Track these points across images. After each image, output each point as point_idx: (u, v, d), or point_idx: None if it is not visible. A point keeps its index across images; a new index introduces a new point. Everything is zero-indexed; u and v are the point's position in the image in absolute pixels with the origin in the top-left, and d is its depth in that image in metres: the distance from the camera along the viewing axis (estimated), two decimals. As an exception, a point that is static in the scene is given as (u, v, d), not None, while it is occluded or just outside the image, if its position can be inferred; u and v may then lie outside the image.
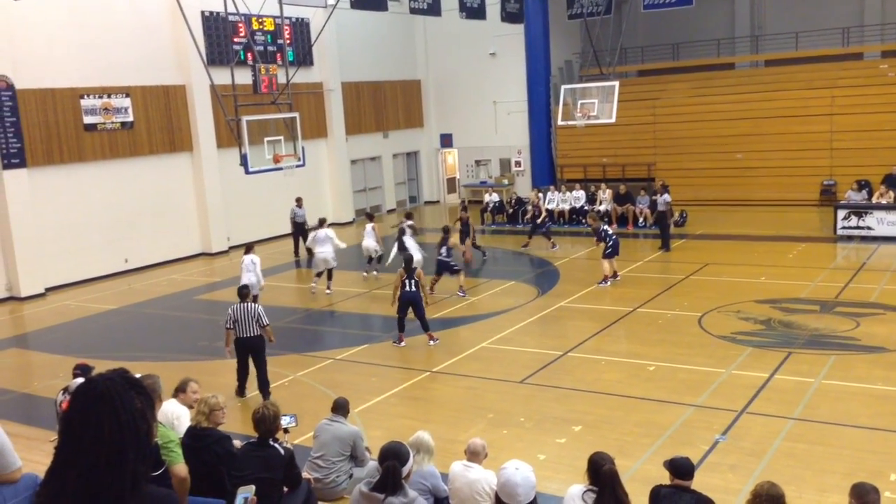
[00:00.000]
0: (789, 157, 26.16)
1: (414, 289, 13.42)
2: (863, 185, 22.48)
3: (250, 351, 11.21)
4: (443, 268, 16.85)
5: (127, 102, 21.57)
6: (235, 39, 22.05)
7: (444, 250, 16.82)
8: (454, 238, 18.07)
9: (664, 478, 5.89)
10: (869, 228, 20.31)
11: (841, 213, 20.85)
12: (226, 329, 11.30)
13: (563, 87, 23.76)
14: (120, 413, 2.14)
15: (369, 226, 19.54)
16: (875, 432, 9.22)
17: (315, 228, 18.51)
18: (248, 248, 16.64)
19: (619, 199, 24.76)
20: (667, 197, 20.36)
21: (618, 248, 17.24)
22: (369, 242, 19.22)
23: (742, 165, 26.71)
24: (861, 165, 24.35)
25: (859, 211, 20.65)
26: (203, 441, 6.34)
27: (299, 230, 22.21)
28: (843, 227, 20.64)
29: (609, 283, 16.91)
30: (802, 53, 28.25)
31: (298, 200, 22.39)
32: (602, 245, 17.20)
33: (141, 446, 2.18)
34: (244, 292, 11.62)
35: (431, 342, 13.50)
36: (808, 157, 25.94)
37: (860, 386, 10.73)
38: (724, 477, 8.21)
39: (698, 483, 6.09)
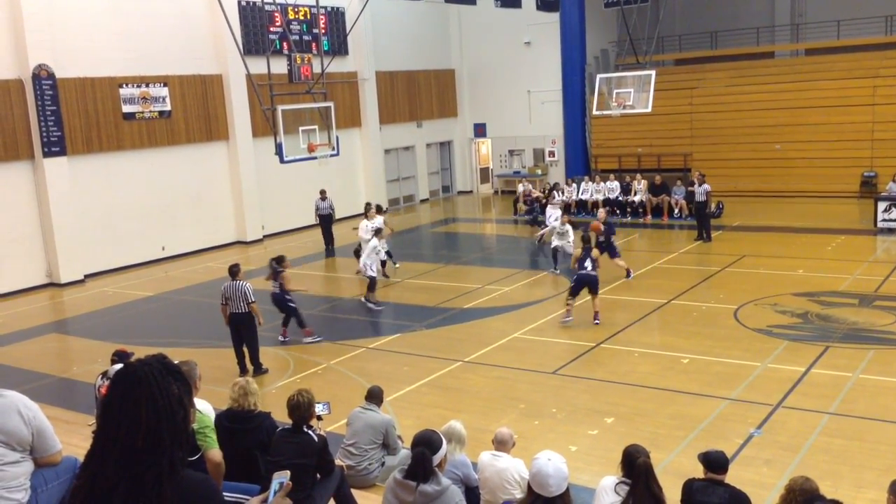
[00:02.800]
0: (829, 147, 25.69)
1: (592, 270, 13.49)
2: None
3: (240, 326, 11.92)
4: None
5: (164, 91, 21.84)
6: (271, 29, 22.20)
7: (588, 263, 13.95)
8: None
9: (697, 471, 5.84)
10: (911, 221, 19.88)
11: (881, 206, 20.43)
12: (221, 306, 12.08)
13: (599, 76, 23.53)
14: (157, 398, 2.17)
15: (380, 219, 18.07)
16: (915, 429, 9.05)
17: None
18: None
19: (654, 189, 24.51)
20: (706, 186, 20.08)
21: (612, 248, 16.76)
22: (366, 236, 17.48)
23: (780, 156, 26.28)
24: (904, 157, 23.84)
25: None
26: (245, 423, 6.40)
27: (325, 222, 22.16)
28: (884, 220, 20.23)
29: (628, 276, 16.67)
30: (844, 42, 27.69)
31: (322, 193, 22.34)
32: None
33: (177, 431, 2.20)
34: (234, 270, 12.23)
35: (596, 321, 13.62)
36: (848, 148, 25.44)
37: (900, 381, 10.53)
38: (758, 471, 8.13)
39: (732, 477, 6.02)
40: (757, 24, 29.97)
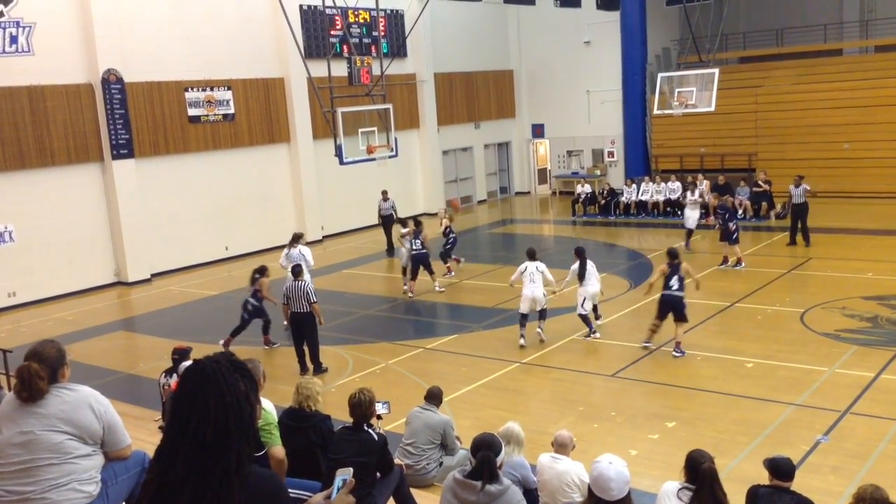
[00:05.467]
0: (899, 147, 24.81)
1: (679, 290, 12.12)
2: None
3: (301, 326, 12.10)
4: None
5: (228, 95, 22.29)
6: (332, 32, 22.46)
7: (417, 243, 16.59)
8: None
9: (762, 477, 5.71)
10: None
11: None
12: (283, 305, 12.45)
13: (660, 75, 23.18)
14: (225, 395, 2.20)
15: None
16: None
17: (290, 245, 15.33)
18: (296, 238, 15.51)
19: (717, 189, 24.02)
20: (805, 186, 19.23)
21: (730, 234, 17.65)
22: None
23: (849, 156, 25.49)
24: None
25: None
26: (304, 422, 6.53)
27: (388, 222, 22.33)
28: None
29: (738, 265, 17.39)
30: (916, 38, 26.70)
31: (384, 194, 22.52)
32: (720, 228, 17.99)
33: (244, 427, 2.23)
34: (297, 270, 12.65)
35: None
36: (919, 147, 24.54)
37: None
38: (825, 479, 7.90)
39: (798, 484, 5.87)
40: (824, 20, 29.11)
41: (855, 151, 25.39)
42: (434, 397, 8.19)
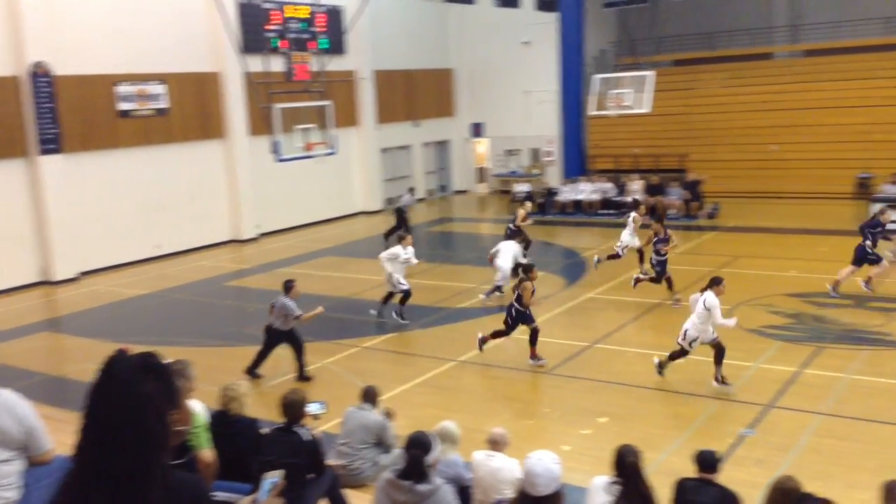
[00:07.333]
0: (825, 149, 25.73)
1: None
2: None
3: (280, 338, 11.63)
4: None
5: (161, 89, 21.81)
6: (269, 27, 22.12)
7: None
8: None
9: (691, 470, 5.88)
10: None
11: (876, 207, 20.44)
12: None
13: (596, 76, 23.56)
14: (124, 396, 2.15)
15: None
16: (907, 430, 9.09)
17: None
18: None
19: (650, 189, 24.55)
20: None
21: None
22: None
23: (777, 157, 26.33)
24: (899, 158, 23.90)
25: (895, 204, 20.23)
26: (230, 428, 6.43)
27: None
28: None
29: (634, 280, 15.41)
30: (841, 44, 27.70)
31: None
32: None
33: (146, 432, 2.16)
34: (287, 286, 11.67)
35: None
36: (844, 149, 25.49)
37: (892, 382, 10.57)
38: (749, 471, 8.15)
39: (725, 477, 6.07)
40: (755, 25, 30.00)
41: (783, 153, 26.23)
42: (369, 396, 8.18)
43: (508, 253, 15.63)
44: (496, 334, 12.13)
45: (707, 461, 5.86)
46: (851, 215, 22.41)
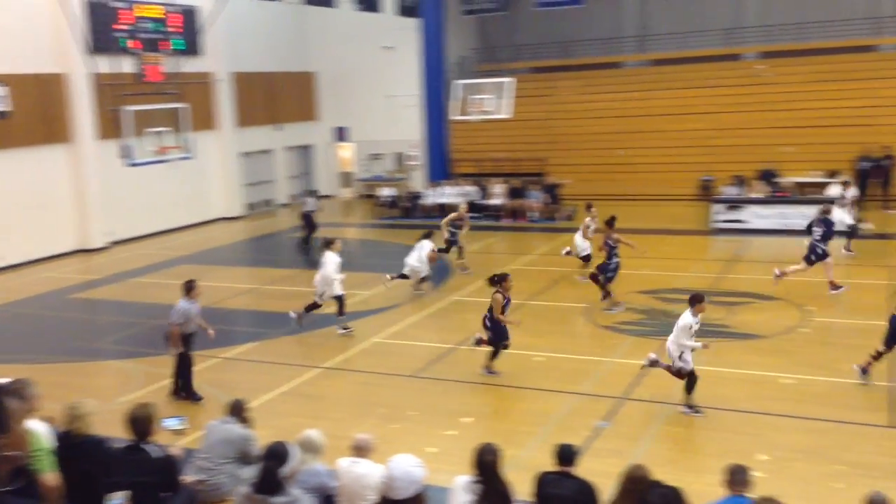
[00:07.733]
0: (670, 153, 27.28)
1: None
2: (739, 180, 23.72)
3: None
4: None
5: (1, 91, 20.33)
6: (119, 26, 21.11)
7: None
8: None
9: (551, 465, 6.06)
10: (744, 222, 21.41)
11: (717, 208, 21.90)
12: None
13: (457, 82, 23.93)
14: None
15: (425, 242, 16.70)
16: (746, 415, 9.74)
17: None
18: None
19: (512, 193, 25.20)
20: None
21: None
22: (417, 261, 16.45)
23: (626, 161, 27.65)
24: (738, 162, 25.65)
25: (735, 205, 21.75)
26: (76, 450, 6.03)
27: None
28: (719, 221, 21.69)
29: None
30: (685, 53, 29.45)
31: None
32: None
33: None
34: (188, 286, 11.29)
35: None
36: (688, 153, 27.11)
37: (733, 371, 11.32)
38: (606, 461, 8.47)
39: (584, 469, 6.28)
40: (606, 35, 31.40)
41: (631, 157, 27.58)
42: (234, 409, 7.92)
43: (422, 251, 16.32)
44: (486, 342, 11.57)
45: (565, 455, 6.08)
46: (695, 215, 23.87)
